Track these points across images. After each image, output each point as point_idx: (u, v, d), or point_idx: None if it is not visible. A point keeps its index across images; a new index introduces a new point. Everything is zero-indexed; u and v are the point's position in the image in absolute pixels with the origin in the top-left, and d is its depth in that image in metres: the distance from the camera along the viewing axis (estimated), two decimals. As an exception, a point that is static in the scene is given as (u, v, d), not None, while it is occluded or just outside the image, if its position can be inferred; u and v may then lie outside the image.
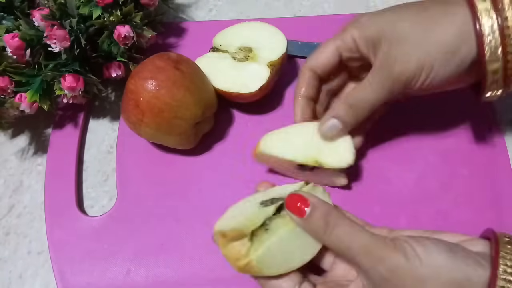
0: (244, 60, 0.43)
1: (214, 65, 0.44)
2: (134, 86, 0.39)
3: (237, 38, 0.45)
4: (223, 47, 0.45)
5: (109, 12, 0.43)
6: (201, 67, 0.43)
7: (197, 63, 0.44)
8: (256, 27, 0.45)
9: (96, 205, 0.43)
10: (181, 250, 0.39)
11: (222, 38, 0.46)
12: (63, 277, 0.39)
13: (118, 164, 0.44)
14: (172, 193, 0.42)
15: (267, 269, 0.30)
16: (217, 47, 0.45)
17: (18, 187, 0.44)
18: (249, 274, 0.31)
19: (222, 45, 0.45)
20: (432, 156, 0.42)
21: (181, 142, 0.42)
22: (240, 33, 0.45)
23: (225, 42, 0.45)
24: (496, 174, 0.42)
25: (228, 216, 0.32)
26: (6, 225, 0.42)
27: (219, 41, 0.45)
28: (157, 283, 0.38)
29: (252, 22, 0.46)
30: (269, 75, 0.42)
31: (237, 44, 0.44)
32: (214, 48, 0.45)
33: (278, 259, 0.30)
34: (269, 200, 0.32)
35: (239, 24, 0.46)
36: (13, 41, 0.40)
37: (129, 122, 0.40)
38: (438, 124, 0.44)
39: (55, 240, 0.40)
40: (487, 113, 0.44)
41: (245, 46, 0.44)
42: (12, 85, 0.41)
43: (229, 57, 0.44)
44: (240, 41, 0.45)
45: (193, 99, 0.39)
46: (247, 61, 0.43)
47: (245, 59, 0.44)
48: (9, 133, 0.47)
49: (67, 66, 0.42)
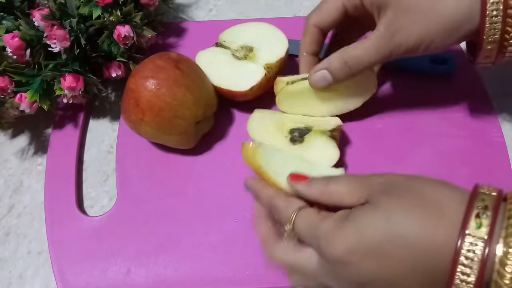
0: (243, 58, 0.44)
1: (214, 60, 0.44)
2: (134, 85, 0.39)
3: (241, 37, 0.45)
4: (227, 43, 0.45)
5: (109, 12, 0.43)
6: (201, 61, 0.43)
7: (199, 56, 0.44)
8: (261, 28, 0.45)
9: (96, 205, 0.43)
10: (181, 250, 0.39)
11: (228, 35, 0.46)
12: (63, 277, 0.39)
13: (118, 164, 0.44)
14: (172, 193, 0.42)
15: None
16: (222, 43, 0.45)
17: (18, 187, 0.44)
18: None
19: (226, 41, 0.45)
20: (432, 156, 0.42)
21: (181, 141, 0.42)
22: (245, 32, 0.45)
23: (230, 38, 0.45)
24: (496, 174, 0.42)
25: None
26: (6, 225, 0.42)
27: (225, 37, 0.46)
28: (157, 283, 0.38)
29: (260, 23, 0.46)
30: (263, 76, 0.42)
31: (240, 42, 0.45)
32: (218, 43, 0.45)
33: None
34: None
35: (247, 23, 0.46)
36: (13, 41, 0.40)
37: (130, 121, 0.40)
38: (438, 124, 0.44)
39: (55, 240, 0.40)
40: (487, 113, 0.44)
41: (247, 45, 0.44)
42: (12, 85, 0.41)
43: (229, 54, 0.44)
44: (243, 39, 0.45)
45: (193, 98, 0.39)
46: (246, 60, 0.43)
47: (244, 57, 0.44)
48: (9, 133, 0.47)
49: (67, 66, 0.42)
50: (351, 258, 0.27)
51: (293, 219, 0.31)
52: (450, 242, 0.24)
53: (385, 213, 0.27)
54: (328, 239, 0.28)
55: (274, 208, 0.33)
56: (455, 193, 0.27)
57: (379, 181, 0.29)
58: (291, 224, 0.31)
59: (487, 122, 0.44)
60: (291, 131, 0.41)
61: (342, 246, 0.27)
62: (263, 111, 0.43)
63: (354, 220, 0.27)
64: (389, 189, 0.28)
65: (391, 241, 0.26)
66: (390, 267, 0.26)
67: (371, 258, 0.26)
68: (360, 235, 0.27)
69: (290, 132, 0.41)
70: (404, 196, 0.27)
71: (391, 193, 0.28)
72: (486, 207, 0.25)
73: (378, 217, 0.27)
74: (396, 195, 0.27)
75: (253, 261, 0.38)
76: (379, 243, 0.26)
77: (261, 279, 0.38)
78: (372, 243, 0.26)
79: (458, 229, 0.24)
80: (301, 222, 0.30)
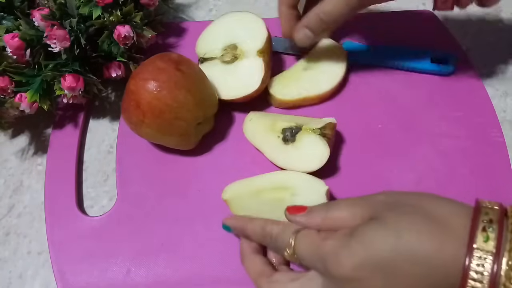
0: (234, 60, 0.43)
1: (209, 76, 0.43)
2: (135, 87, 0.39)
3: (217, 40, 0.44)
4: (208, 54, 0.44)
5: (109, 12, 0.43)
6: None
7: None
8: (230, 21, 0.45)
9: (96, 205, 0.43)
10: (181, 250, 0.39)
11: (203, 46, 0.45)
12: (63, 277, 0.39)
13: (118, 164, 0.44)
14: (172, 193, 0.42)
15: None
16: (203, 57, 0.44)
17: (18, 187, 0.44)
18: None
19: (207, 53, 0.44)
20: (432, 156, 0.42)
21: (182, 142, 0.42)
22: (218, 33, 0.45)
23: (208, 48, 0.44)
24: (496, 174, 0.42)
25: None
26: (6, 225, 0.42)
27: (202, 49, 0.45)
28: (157, 283, 0.38)
29: (222, 17, 0.45)
30: (263, 64, 0.42)
31: (220, 46, 0.44)
32: (200, 59, 0.45)
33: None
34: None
35: (211, 25, 0.46)
36: (13, 41, 0.40)
37: (130, 122, 0.40)
38: (438, 124, 0.44)
39: (55, 240, 0.40)
40: (487, 113, 0.44)
41: (228, 44, 0.44)
42: (12, 85, 0.41)
43: (218, 63, 0.44)
44: (221, 41, 0.44)
45: (194, 100, 0.39)
46: (237, 60, 0.43)
47: (235, 58, 0.43)
48: (9, 133, 0.47)
49: (67, 66, 0.42)
50: (359, 275, 0.26)
51: (293, 242, 0.30)
52: (458, 257, 0.24)
53: (394, 229, 0.26)
54: (334, 257, 0.27)
55: (268, 236, 0.33)
56: (459, 208, 0.27)
57: (380, 198, 0.29)
58: (291, 248, 0.30)
59: (487, 122, 0.44)
60: (283, 131, 0.41)
61: (350, 263, 0.26)
62: (258, 113, 0.43)
63: (360, 236, 0.27)
64: (393, 206, 0.28)
65: (401, 257, 0.25)
66: (399, 284, 0.26)
67: (380, 275, 0.26)
68: (368, 251, 0.26)
69: (282, 132, 0.41)
70: (410, 212, 0.27)
71: (397, 210, 0.28)
72: (491, 221, 0.25)
73: (387, 233, 0.26)
74: (402, 212, 0.27)
75: (253, 261, 0.38)
76: (388, 259, 0.26)
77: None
78: (382, 259, 0.26)
79: (466, 244, 0.24)
80: (302, 244, 0.30)
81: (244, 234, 0.35)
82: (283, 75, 0.46)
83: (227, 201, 0.39)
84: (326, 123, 0.40)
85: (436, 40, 0.49)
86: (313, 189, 0.38)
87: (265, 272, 0.32)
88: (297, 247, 0.30)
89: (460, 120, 0.44)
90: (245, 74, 0.42)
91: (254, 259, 0.34)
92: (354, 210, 0.30)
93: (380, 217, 0.27)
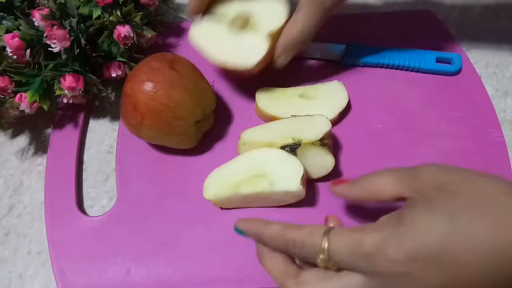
0: (242, 29, 0.40)
1: (209, 35, 0.41)
2: (131, 89, 0.38)
3: (235, 4, 0.41)
4: (219, 13, 0.41)
5: (109, 12, 0.43)
6: (195, 37, 0.41)
7: (192, 33, 0.41)
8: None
9: (96, 205, 0.43)
10: (181, 250, 0.39)
11: (219, 4, 0.42)
12: (63, 277, 0.39)
13: (118, 164, 0.44)
14: (172, 193, 0.42)
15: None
16: (213, 13, 0.42)
17: (18, 187, 0.44)
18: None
19: (218, 11, 0.42)
20: (432, 156, 0.42)
21: (182, 142, 0.42)
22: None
23: (221, 7, 0.42)
24: (496, 174, 0.41)
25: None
26: (6, 225, 0.42)
27: (216, 6, 0.42)
28: (157, 283, 0.38)
29: None
30: (268, 47, 0.39)
31: (234, 11, 0.41)
32: (209, 14, 0.42)
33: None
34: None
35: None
36: (13, 41, 0.40)
37: (129, 125, 0.40)
38: (438, 124, 0.44)
39: (55, 240, 0.40)
40: (487, 113, 0.44)
41: (242, 12, 0.41)
42: (12, 85, 0.41)
43: (224, 25, 0.41)
44: (237, 6, 0.41)
45: (191, 98, 0.39)
46: (245, 31, 0.40)
47: (243, 28, 0.40)
48: (9, 133, 0.47)
49: (67, 66, 0.42)
50: (411, 268, 0.24)
51: (326, 244, 0.26)
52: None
53: (447, 213, 0.24)
54: (381, 251, 0.24)
55: (291, 244, 0.28)
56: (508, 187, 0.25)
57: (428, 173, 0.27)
58: (326, 252, 0.26)
59: (487, 122, 0.44)
60: (282, 148, 0.39)
61: (400, 255, 0.24)
62: (250, 134, 0.42)
63: (409, 222, 0.24)
64: (443, 185, 0.26)
65: (458, 245, 0.23)
66: (455, 275, 0.23)
67: (434, 266, 0.23)
68: (420, 238, 0.24)
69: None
70: (462, 192, 0.25)
71: (447, 189, 0.25)
72: None
73: (439, 217, 0.24)
74: (454, 192, 0.25)
75: (253, 261, 0.38)
76: (443, 246, 0.23)
77: (261, 279, 0.38)
78: (436, 247, 0.23)
79: None
80: (338, 244, 0.26)
81: (260, 241, 0.31)
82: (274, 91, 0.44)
83: (211, 201, 0.39)
84: (324, 134, 0.39)
85: (436, 40, 0.49)
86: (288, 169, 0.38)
87: (291, 272, 0.29)
88: (332, 250, 0.26)
89: (460, 120, 0.44)
90: (245, 49, 0.40)
91: (275, 258, 0.30)
92: (396, 178, 0.28)
93: (427, 199, 0.25)
